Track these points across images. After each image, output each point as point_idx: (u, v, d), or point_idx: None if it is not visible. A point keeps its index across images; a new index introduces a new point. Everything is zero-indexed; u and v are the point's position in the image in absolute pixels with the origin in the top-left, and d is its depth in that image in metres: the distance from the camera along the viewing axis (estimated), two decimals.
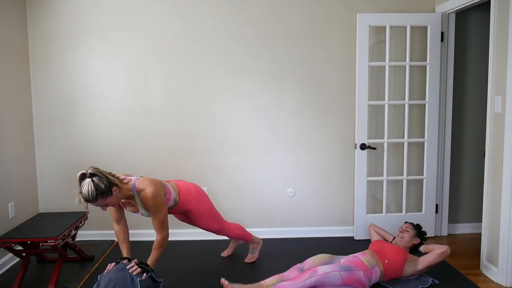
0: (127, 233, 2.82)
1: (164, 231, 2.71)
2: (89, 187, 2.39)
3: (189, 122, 3.93)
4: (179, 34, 3.85)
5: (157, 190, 2.65)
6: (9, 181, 3.49)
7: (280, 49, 3.88)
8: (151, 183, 2.66)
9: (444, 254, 2.95)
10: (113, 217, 2.81)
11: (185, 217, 3.21)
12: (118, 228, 2.81)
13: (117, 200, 2.57)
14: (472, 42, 3.98)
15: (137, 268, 2.49)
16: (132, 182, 2.66)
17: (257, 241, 3.49)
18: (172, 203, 2.89)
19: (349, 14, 3.85)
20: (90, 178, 2.41)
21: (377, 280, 2.91)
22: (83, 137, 3.93)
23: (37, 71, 3.86)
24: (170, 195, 2.85)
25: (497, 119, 3.05)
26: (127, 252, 2.76)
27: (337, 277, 2.72)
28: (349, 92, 3.93)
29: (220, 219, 3.21)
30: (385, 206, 3.92)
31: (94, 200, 2.42)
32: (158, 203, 2.65)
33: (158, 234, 2.71)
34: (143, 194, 2.63)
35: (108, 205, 2.52)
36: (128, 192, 2.63)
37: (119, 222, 2.81)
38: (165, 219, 2.72)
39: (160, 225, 2.69)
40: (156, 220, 2.68)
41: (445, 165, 3.97)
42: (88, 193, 2.39)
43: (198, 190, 3.08)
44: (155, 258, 2.69)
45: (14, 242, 2.92)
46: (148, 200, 2.62)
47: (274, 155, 3.98)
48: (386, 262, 2.93)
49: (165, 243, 2.72)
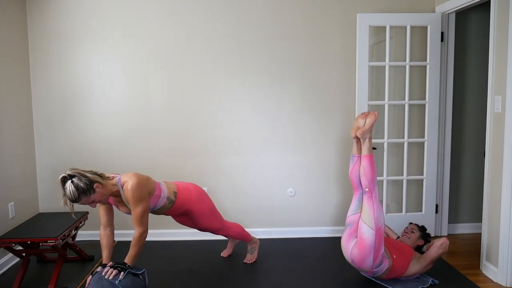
0: (111, 240, 2.82)
1: (141, 227, 2.65)
2: (70, 188, 2.45)
3: (189, 122, 3.93)
4: (179, 34, 3.85)
5: (139, 183, 2.63)
6: (9, 181, 3.49)
7: (280, 49, 3.88)
8: (135, 175, 2.66)
9: (444, 245, 2.96)
10: (102, 221, 2.81)
11: (186, 219, 3.20)
12: (104, 233, 2.80)
13: (102, 196, 2.57)
14: (472, 42, 3.98)
15: (112, 271, 2.46)
16: (117, 177, 2.67)
17: (254, 241, 3.49)
18: (166, 202, 2.88)
19: (349, 14, 3.85)
20: (70, 179, 2.46)
21: (382, 271, 2.90)
22: (83, 137, 3.93)
23: (37, 71, 3.86)
24: (161, 192, 2.83)
25: (497, 119, 3.05)
26: (107, 258, 2.75)
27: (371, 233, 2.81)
28: (349, 92, 3.93)
29: (221, 218, 3.22)
30: (385, 206, 3.93)
31: (77, 199, 2.47)
32: (137, 195, 2.62)
33: (136, 229, 2.65)
34: (125, 186, 2.63)
35: (94, 201, 2.55)
36: (114, 187, 2.63)
37: (106, 227, 2.81)
38: (144, 214, 2.66)
39: (138, 219, 2.64)
40: (134, 213, 2.64)
41: (445, 165, 3.97)
42: (71, 194, 2.45)
43: (198, 190, 3.09)
44: (132, 255, 2.63)
45: (14, 242, 2.92)
46: (127, 191, 2.61)
47: (274, 155, 3.98)
48: (394, 257, 2.94)
49: (143, 240, 2.67)
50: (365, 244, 2.81)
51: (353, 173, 3.01)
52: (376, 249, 2.80)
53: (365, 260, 2.83)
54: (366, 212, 2.86)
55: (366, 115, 3.02)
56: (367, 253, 2.81)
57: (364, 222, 2.85)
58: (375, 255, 2.81)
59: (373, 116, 2.99)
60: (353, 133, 3.00)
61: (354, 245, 2.88)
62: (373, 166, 2.93)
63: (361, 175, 2.94)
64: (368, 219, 2.83)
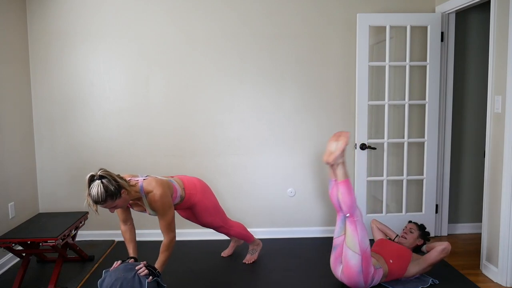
0: (133, 233, 2.83)
1: (171, 234, 2.71)
2: (98, 189, 2.38)
3: (189, 122, 3.93)
4: (179, 34, 3.85)
5: (165, 192, 2.66)
6: (9, 181, 3.49)
7: (280, 49, 3.88)
8: (159, 184, 2.66)
9: (446, 250, 2.95)
10: (120, 217, 2.82)
11: (189, 213, 3.22)
12: (125, 228, 2.82)
13: (125, 202, 2.57)
14: (472, 42, 3.98)
15: (145, 270, 2.48)
16: (139, 184, 2.66)
17: (257, 242, 3.49)
18: (179, 200, 2.90)
19: (349, 14, 3.85)
20: (99, 180, 2.40)
21: (379, 281, 2.91)
22: (83, 136, 3.93)
23: (37, 71, 3.86)
24: (177, 192, 2.86)
25: (497, 119, 3.05)
26: (134, 252, 2.77)
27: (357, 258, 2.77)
28: (349, 92, 3.93)
29: (224, 215, 3.22)
30: (385, 206, 3.92)
31: (103, 202, 2.41)
32: (165, 205, 2.66)
33: (165, 237, 2.71)
34: (151, 196, 2.64)
35: (116, 207, 2.52)
36: (136, 194, 2.64)
37: (126, 222, 2.83)
38: (172, 221, 2.71)
39: (167, 227, 2.69)
40: (163, 222, 2.68)
41: (445, 165, 3.97)
42: (98, 194, 2.38)
43: (202, 185, 3.10)
44: (162, 261, 2.68)
45: (14, 242, 2.92)
46: (156, 202, 2.63)
47: (274, 155, 3.98)
48: (391, 262, 2.94)
49: (172, 245, 2.72)
50: (352, 270, 2.79)
51: (332, 196, 2.92)
52: (364, 272, 2.79)
53: (356, 283, 2.83)
54: (349, 237, 2.81)
55: (338, 137, 2.86)
56: (356, 278, 2.80)
57: (349, 247, 2.80)
58: (365, 277, 2.80)
59: (344, 138, 2.81)
60: (325, 159, 2.86)
61: (342, 271, 2.87)
62: (351, 191, 2.82)
63: (340, 201, 2.84)
64: (352, 244, 2.79)
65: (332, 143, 2.85)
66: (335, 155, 2.80)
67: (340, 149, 2.79)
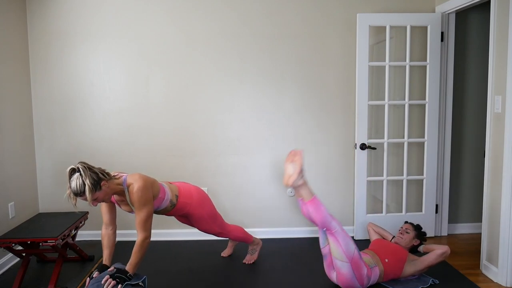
0: (113, 239, 2.76)
1: (145, 232, 2.61)
2: (77, 181, 2.39)
3: (189, 122, 3.93)
4: (179, 34, 3.85)
5: (145, 186, 2.61)
6: (9, 181, 3.49)
7: (280, 49, 3.88)
8: (141, 178, 2.63)
9: (445, 255, 2.95)
10: (104, 219, 2.77)
11: (186, 219, 3.21)
12: (106, 232, 2.76)
13: (106, 195, 2.53)
14: (472, 42, 3.98)
15: (111, 282, 2.43)
16: (123, 177, 2.64)
17: (257, 242, 3.48)
18: (168, 204, 2.87)
19: (349, 14, 3.85)
20: (78, 172, 2.41)
21: (376, 280, 2.91)
22: (83, 136, 3.93)
23: (37, 71, 3.86)
24: (165, 195, 2.82)
25: (497, 119, 3.05)
26: (108, 259, 2.71)
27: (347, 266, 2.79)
28: (349, 92, 3.93)
29: (221, 222, 3.20)
30: (385, 206, 3.92)
31: (82, 194, 2.41)
32: (142, 198, 2.59)
33: (139, 235, 2.60)
34: (130, 188, 2.60)
35: (97, 200, 2.50)
36: (118, 187, 2.60)
37: (108, 226, 2.76)
38: (148, 219, 2.62)
39: (142, 224, 2.60)
40: (138, 217, 2.60)
41: (445, 165, 3.97)
42: (77, 187, 2.39)
43: (200, 194, 3.05)
44: (134, 262, 2.58)
45: (14, 242, 2.91)
46: (133, 194, 2.58)
47: (274, 155, 3.98)
48: (386, 261, 2.94)
49: (145, 246, 2.61)
50: (345, 277, 2.82)
51: (304, 214, 2.87)
52: (357, 276, 2.82)
53: (352, 286, 2.86)
54: (333, 248, 2.82)
55: (293, 157, 2.83)
56: (351, 282, 2.83)
57: (337, 258, 2.82)
58: (359, 280, 2.83)
59: (299, 159, 2.78)
60: (285, 182, 2.82)
61: (336, 278, 2.89)
62: (319, 208, 2.79)
63: (313, 219, 2.82)
64: (339, 255, 2.80)
65: (288, 165, 2.83)
66: (293, 178, 2.78)
67: (297, 170, 2.77)
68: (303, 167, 2.81)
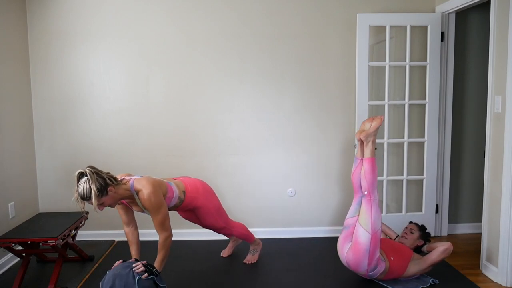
0: (136, 235, 2.88)
1: (165, 232, 2.71)
2: (84, 185, 2.44)
3: (189, 122, 3.93)
4: (179, 34, 3.85)
5: (154, 191, 2.65)
6: (9, 181, 3.49)
7: (280, 49, 3.88)
8: (148, 183, 2.66)
9: (447, 251, 2.95)
10: (123, 219, 2.86)
11: (190, 215, 3.22)
12: (128, 230, 2.87)
13: (113, 200, 2.57)
14: (472, 42, 3.98)
15: (141, 267, 2.48)
16: (130, 182, 2.67)
17: (257, 242, 3.49)
18: (177, 201, 2.90)
19: (349, 14, 3.85)
20: (86, 177, 2.45)
21: (379, 273, 2.91)
22: (83, 136, 3.93)
23: (37, 71, 3.86)
24: (173, 193, 2.85)
25: (497, 119, 3.05)
26: (136, 253, 2.82)
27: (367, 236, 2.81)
28: (349, 92, 3.93)
29: (226, 217, 3.22)
30: (385, 206, 3.92)
31: (88, 198, 2.46)
32: (155, 204, 2.65)
33: (160, 235, 2.72)
34: (141, 194, 2.64)
35: (104, 204, 2.54)
36: (126, 192, 2.64)
37: (128, 224, 2.87)
38: (165, 219, 2.71)
39: (160, 226, 2.70)
40: (156, 221, 2.69)
41: (445, 165, 3.97)
42: (83, 191, 2.44)
43: (205, 187, 3.09)
44: (159, 259, 2.72)
45: (14, 242, 2.92)
46: (145, 201, 2.63)
47: (274, 155, 3.98)
48: (391, 259, 2.94)
49: (168, 244, 2.73)
50: (360, 247, 2.81)
51: (354, 175, 3.03)
52: (371, 253, 2.81)
53: (359, 264, 2.84)
54: (363, 215, 2.86)
55: (372, 119, 3.06)
56: (362, 257, 2.82)
57: (361, 225, 2.84)
58: (369, 259, 2.82)
59: (379, 120, 3.04)
60: (358, 135, 3.05)
61: (349, 249, 2.88)
62: (374, 170, 2.93)
63: (361, 177, 2.95)
64: (365, 222, 2.83)
65: (367, 123, 3.07)
66: (367, 132, 3.00)
67: (375, 127, 3.00)
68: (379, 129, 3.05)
